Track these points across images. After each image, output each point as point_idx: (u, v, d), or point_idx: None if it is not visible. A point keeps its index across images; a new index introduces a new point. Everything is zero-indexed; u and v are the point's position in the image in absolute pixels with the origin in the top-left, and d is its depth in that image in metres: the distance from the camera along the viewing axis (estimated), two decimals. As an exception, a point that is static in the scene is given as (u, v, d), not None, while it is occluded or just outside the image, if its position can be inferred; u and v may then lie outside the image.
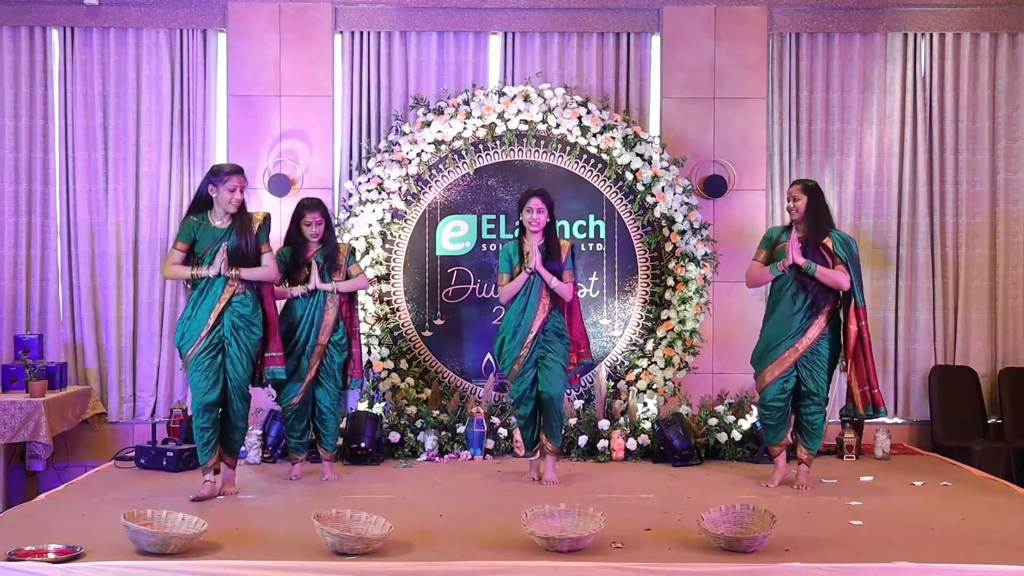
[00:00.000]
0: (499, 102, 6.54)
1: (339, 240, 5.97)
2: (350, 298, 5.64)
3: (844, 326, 5.29)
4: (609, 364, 6.63)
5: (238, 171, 5.09)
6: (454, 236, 6.70)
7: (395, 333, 6.62)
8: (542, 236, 5.50)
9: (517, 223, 5.62)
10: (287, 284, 5.50)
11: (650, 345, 6.58)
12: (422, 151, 6.56)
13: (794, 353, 5.26)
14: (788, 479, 5.42)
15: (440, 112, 6.56)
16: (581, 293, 6.55)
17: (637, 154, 6.56)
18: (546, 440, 5.50)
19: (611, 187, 6.65)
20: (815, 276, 5.21)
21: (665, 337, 6.57)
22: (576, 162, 6.64)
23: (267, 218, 5.23)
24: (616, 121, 6.60)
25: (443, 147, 6.59)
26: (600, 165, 6.62)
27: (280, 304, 5.45)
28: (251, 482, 5.57)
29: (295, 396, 5.46)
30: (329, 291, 5.46)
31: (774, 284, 5.41)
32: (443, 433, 6.30)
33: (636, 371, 6.57)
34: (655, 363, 6.55)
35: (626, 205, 6.64)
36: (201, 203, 5.11)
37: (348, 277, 5.58)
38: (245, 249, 5.04)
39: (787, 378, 5.29)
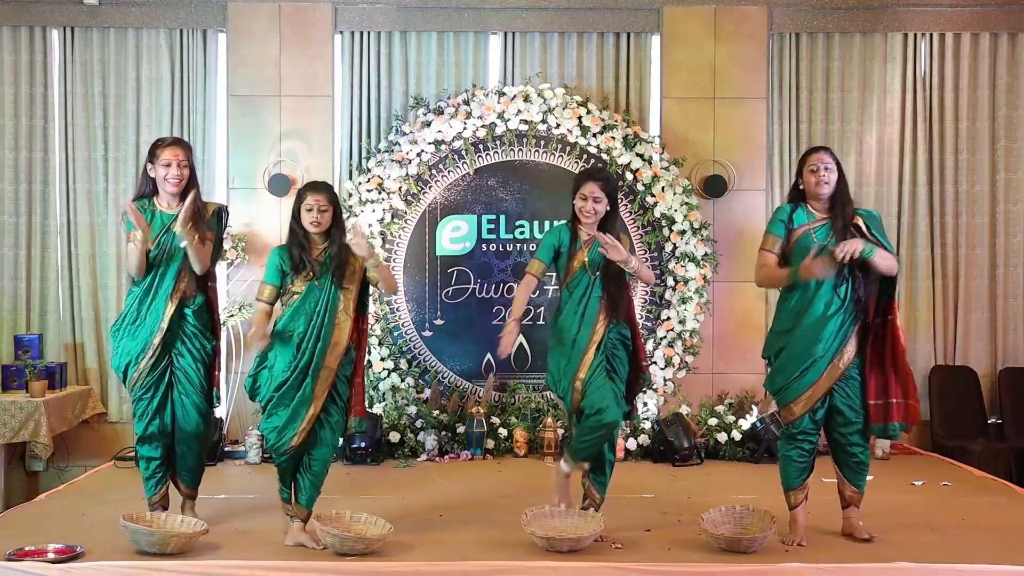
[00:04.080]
0: (499, 102, 6.54)
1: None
2: (362, 314, 4.33)
3: (886, 321, 4.22)
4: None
5: (176, 142, 4.37)
6: (454, 236, 6.69)
7: (395, 333, 6.62)
8: (596, 229, 4.40)
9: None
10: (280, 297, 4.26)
11: (650, 345, 6.58)
12: (422, 151, 6.56)
13: (834, 372, 4.16)
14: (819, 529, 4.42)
15: (440, 112, 6.56)
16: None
17: (637, 154, 6.56)
18: (594, 490, 4.42)
19: (611, 187, 6.64)
20: (871, 261, 4.07)
21: (665, 337, 6.57)
22: (576, 162, 6.64)
23: (222, 209, 4.51)
24: (616, 121, 6.60)
25: (443, 147, 6.59)
26: (600, 165, 6.62)
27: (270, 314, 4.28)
28: (251, 482, 5.58)
29: (294, 436, 4.12)
30: (340, 303, 4.17)
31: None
32: (443, 433, 6.30)
33: (636, 371, 6.57)
34: (655, 363, 6.55)
35: (626, 205, 6.63)
36: (144, 188, 4.41)
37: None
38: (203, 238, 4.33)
39: (821, 405, 4.21)
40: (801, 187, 4.35)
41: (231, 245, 6.46)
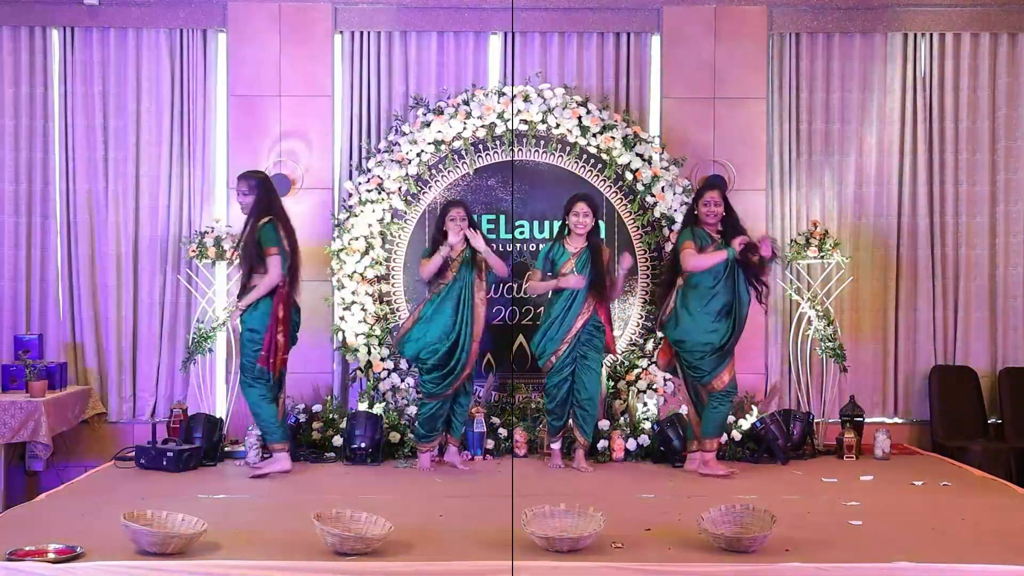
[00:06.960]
0: (499, 102, 6.54)
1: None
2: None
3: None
4: (609, 364, 6.63)
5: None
6: (454, 236, 6.68)
7: (395, 333, 6.60)
8: (585, 240, 5.84)
9: (562, 225, 5.93)
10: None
11: (650, 345, 6.58)
12: (422, 151, 6.56)
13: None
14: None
15: (440, 112, 6.56)
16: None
17: (637, 154, 6.56)
18: (579, 435, 5.91)
19: (611, 187, 6.64)
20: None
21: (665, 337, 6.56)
22: (576, 162, 6.64)
23: (269, 222, 5.64)
24: (616, 121, 6.60)
25: (443, 147, 6.59)
26: (600, 165, 6.62)
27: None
28: (251, 482, 5.57)
29: (448, 388, 5.77)
30: (478, 286, 5.81)
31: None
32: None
33: (636, 371, 6.57)
34: (655, 363, 6.54)
35: (626, 205, 6.63)
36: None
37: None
38: None
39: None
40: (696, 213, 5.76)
41: (231, 245, 6.45)
